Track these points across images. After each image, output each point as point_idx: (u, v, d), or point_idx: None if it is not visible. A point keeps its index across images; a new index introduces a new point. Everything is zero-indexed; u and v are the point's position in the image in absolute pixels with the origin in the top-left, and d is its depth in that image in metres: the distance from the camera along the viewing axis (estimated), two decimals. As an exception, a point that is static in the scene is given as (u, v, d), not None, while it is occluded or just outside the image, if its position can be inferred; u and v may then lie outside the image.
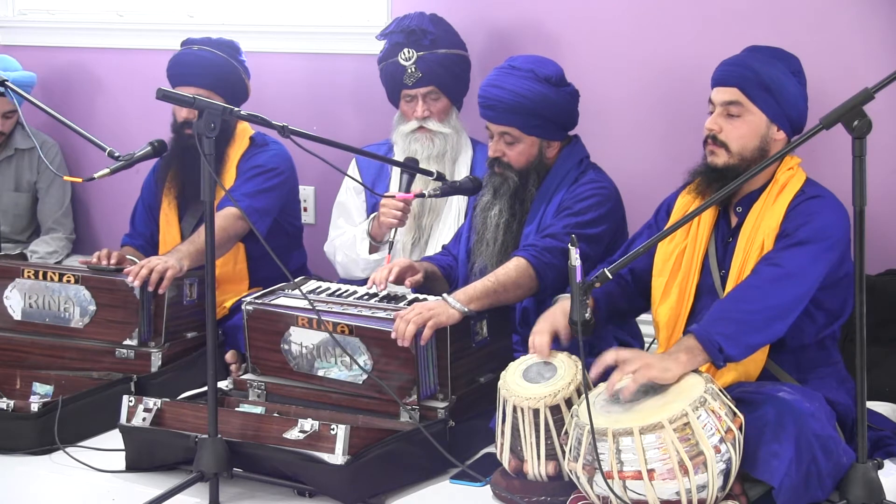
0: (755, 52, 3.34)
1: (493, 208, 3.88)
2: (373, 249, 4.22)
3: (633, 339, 3.84)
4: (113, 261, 4.09)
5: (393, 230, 4.11)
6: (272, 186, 4.37)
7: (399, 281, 3.77)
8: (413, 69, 4.24)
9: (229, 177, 4.37)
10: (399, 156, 4.24)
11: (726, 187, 3.01)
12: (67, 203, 5.28)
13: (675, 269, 3.37)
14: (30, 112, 4.36)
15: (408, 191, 4.06)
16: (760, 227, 3.24)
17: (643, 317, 3.69)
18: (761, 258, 3.18)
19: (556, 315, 3.33)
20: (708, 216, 3.33)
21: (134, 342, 3.96)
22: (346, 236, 4.34)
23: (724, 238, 3.34)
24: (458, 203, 4.29)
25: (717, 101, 3.31)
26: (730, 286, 3.24)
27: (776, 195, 3.26)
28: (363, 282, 4.19)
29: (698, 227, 3.34)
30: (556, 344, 3.34)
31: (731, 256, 3.28)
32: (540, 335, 3.29)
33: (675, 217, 3.42)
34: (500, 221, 3.86)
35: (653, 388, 3.04)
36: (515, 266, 3.66)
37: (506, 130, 3.83)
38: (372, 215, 4.22)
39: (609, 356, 3.08)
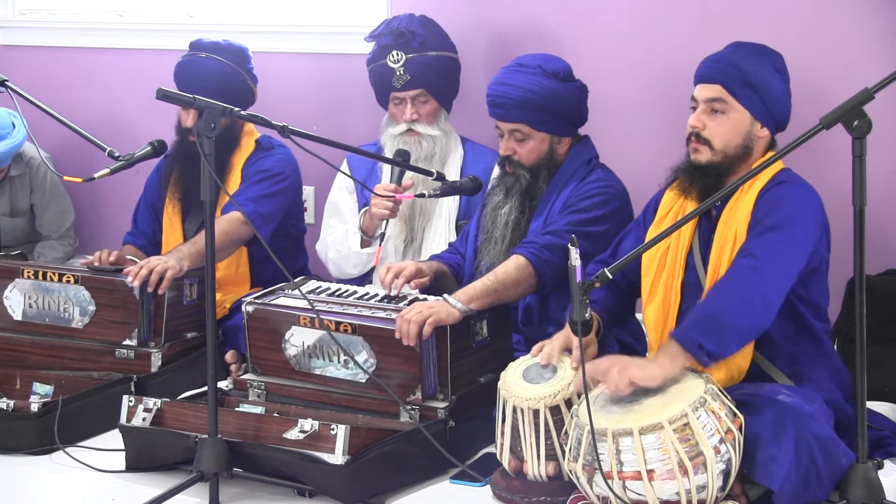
0: (739, 49, 3.33)
1: (504, 206, 3.89)
2: (364, 244, 4.22)
3: (635, 340, 3.83)
4: (112, 259, 4.09)
5: (384, 222, 4.10)
6: (277, 191, 4.36)
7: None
8: (401, 72, 4.23)
9: (234, 180, 4.36)
10: (388, 155, 4.23)
11: (719, 192, 3.00)
12: (69, 224, 5.24)
13: (659, 268, 3.36)
14: (22, 107, 4.35)
15: (399, 182, 4.06)
16: (733, 220, 3.23)
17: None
18: (739, 250, 3.17)
19: (572, 336, 3.30)
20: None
21: (133, 342, 3.95)
22: (337, 233, 4.34)
23: (706, 234, 3.33)
24: (448, 205, 4.29)
25: (700, 99, 3.31)
26: (709, 281, 3.24)
27: (749, 186, 3.25)
28: (359, 281, 4.19)
29: (683, 226, 3.32)
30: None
31: (710, 252, 3.28)
32: (553, 346, 3.28)
33: (661, 214, 3.41)
34: (510, 219, 3.87)
35: (653, 389, 3.04)
36: (515, 264, 3.66)
37: (516, 128, 3.84)
38: (363, 210, 4.22)
39: (591, 369, 3.07)
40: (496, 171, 4.04)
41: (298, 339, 3.60)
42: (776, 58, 3.34)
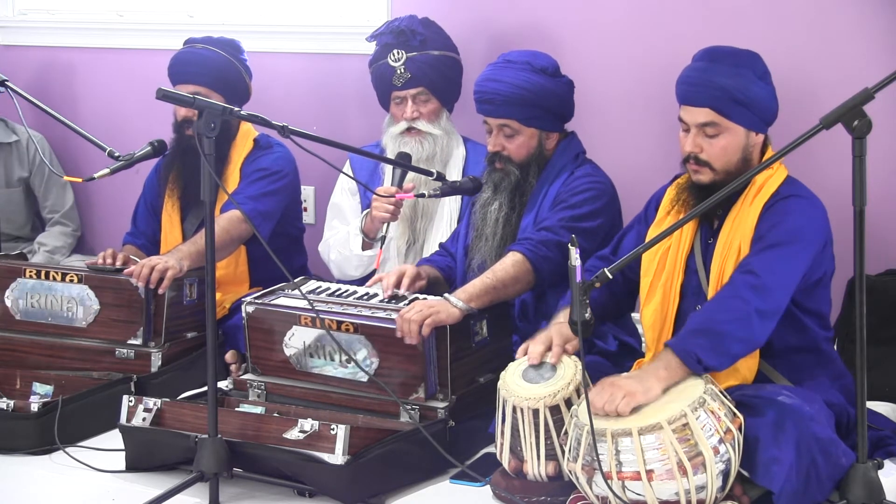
0: (717, 65, 3.24)
1: (493, 203, 3.88)
2: (366, 246, 4.22)
3: (633, 339, 3.84)
4: (118, 262, 4.08)
5: (385, 225, 4.10)
6: (276, 189, 4.36)
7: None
8: (402, 70, 4.23)
9: (233, 179, 4.36)
10: (389, 156, 4.22)
11: (713, 197, 2.99)
12: (71, 200, 5.27)
13: (658, 269, 3.35)
14: (22, 107, 4.35)
15: (400, 186, 4.06)
16: (737, 230, 3.22)
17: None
18: (738, 265, 3.16)
19: (552, 333, 3.29)
20: None
21: (138, 341, 3.96)
22: (339, 234, 4.34)
23: (707, 238, 3.33)
24: (450, 206, 4.29)
25: (690, 123, 3.25)
26: (710, 289, 3.23)
27: (753, 197, 3.24)
28: (359, 282, 4.19)
29: (682, 227, 3.32)
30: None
31: (711, 257, 3.27)
32: (535, 344, 3.28)
33: (661, 215, 3.40)
34: (500, 216, 3.87)
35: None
36: (512, 262, 3.67)
37: (505, 123, 3.84)
38: (365, 212, 4.22)
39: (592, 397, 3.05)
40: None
41: (299, 339, 3.61)
42: (755, 63, 3.27)
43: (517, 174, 3.86)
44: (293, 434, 3.25)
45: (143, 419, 3.44)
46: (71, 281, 4.01)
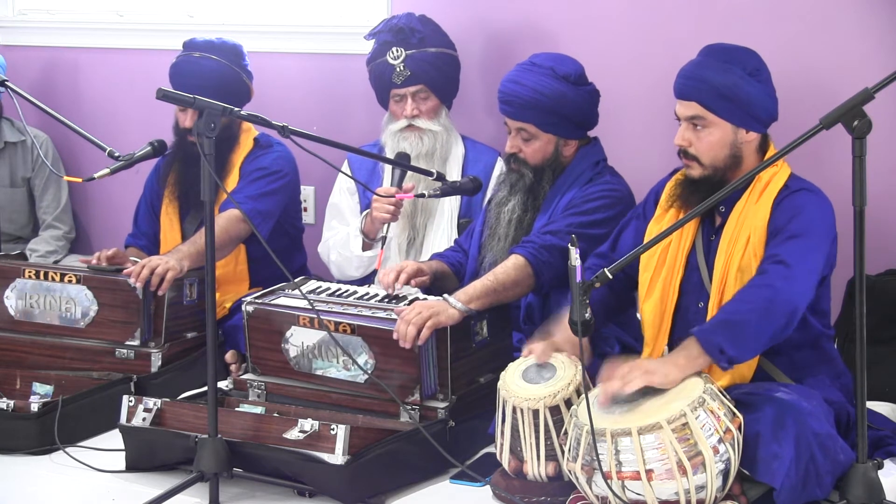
0: (708, 59, 3.28)
1: (507, 203, 3.89)
2: (366, 247, 4.22)
3: (637, 342, 3.83)
4: (110, 254, 4.08)
5: (386, 226, 4.10)
6: (276, 189, 4.36)
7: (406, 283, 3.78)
8: (402, 68, 4.23)
9: (233, 178, 4.36)
10: (389, 156, 4.23)
11: (715, 196, 2.99)
12: (66, 199, 5.27)
13: (658, 265, 3.35)
14: (22, 107, 4.34)
15: (399, 186, 4.06)
16: (745, 224, 3.22)
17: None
18: (765, 257, 3.16)
19: (560, 338, 3.30)
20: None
21: (136, 342, 3.95)
22: (339, 235, 4.34)
23: (708, 235, 3.33)
24: (450, 203, 4.29)
25: (681, 116, 3.29)
26: (713, 285, 3.24)
27: (760, 193, 3.24)
28: (359, 282, 4.20)
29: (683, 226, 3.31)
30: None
31: (714, 254, 3.27)
32: (543, 350, 3.27)
33: (661, 210, 3.40)
34: (513, 217, 3.87)
35: (652, 389, 3.04)
36: (514, 264, 3.67)
37: (522, 127, 3.83)
38: (365, 212, 4.22)
39: (607, 377, 3.06)
40: (498, 167, 4.04)
41: (298, 339, 3.61)
42: (747, 60, 3.28)
43: (531, 177, 3.86)
44: (293, 434, 3.25)
45: (143, 419, 3.44)
46: (69, 281, 4.00)
